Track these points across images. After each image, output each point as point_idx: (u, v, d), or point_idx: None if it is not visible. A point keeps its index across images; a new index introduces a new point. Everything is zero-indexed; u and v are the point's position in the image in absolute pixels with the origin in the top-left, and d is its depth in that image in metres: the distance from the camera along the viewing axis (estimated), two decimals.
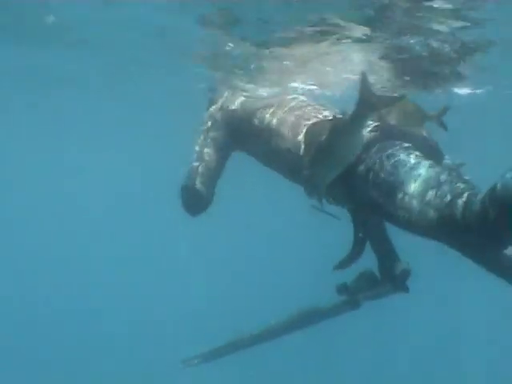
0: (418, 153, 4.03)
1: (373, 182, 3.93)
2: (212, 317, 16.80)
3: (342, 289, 4.70)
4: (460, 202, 3.54)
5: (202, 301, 18.48)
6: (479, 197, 3.47)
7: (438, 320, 19.43)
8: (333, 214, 4.33)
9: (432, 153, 4.22)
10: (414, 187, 3.76)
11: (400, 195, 3.79)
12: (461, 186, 3.64)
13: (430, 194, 3.67)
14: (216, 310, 17.32)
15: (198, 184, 4.90)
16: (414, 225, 3.80)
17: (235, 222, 20.21)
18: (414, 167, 3.88)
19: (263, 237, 21.82)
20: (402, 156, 3.96)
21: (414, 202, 3.71)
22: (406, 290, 4.65)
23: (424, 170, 3.84)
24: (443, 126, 4.15)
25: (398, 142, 4.11)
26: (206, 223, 5.88)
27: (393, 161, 3.95)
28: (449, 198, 3.59)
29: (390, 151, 4.01)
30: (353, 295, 4.75)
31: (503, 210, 3.31)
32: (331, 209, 4.37)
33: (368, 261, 4.73)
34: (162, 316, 18.02)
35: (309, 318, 5.15)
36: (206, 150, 5.01)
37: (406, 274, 4.61)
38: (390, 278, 4.63)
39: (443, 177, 3.74)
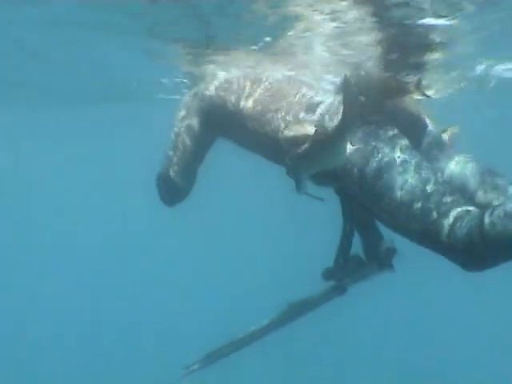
0: (403, 143, 3.95)
1: (359, 182, 3.91)
2: (206, 316, 16.73)
3: (329, 274, 4.57)
4: (446, 223, 3.57)
5: (195, 299, 18.39)
6: (466, 222, 3.50)
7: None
8: (316, 196, 4.23)
9: (415, 125, 4.16)
10: (400, 195, 3.73)
11: (386, 200, 3.78)
12: (448, 200, 3.63)
13: (416, 206, 3.66)
14: (210, 309, 17.25)
15: (173, 173, 4.82)
16: (398, 230, 3.87)
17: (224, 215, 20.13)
18: (400, 171, 3.81)
19: (250, 228, 21.70)
20: (387, 152, 3.88)
21: (400, 211, 3.73)
22: (391, 268, 4.55)
23: (411, 175, 3.77)
24: (425, 95, 4.06)
25: (381, 132, 4.02)
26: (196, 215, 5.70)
27: (377, 159, 3.88)
28: (435, 216, 3.60)
29: (373, 144, 3.93)
30: (339, 280, 4.62)
31: (493, 248, 3.41)
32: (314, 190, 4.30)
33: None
34: (155, 316, 17.89)
35: (299, 309, 5.02)
36: (180, 138, 4.92)
37: (391, 252, 4.51)
38: (376, 258, 4.53)
39: (430, 187, 3.70)
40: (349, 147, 3.83)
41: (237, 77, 4.91)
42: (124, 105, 11.12)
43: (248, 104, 4.57)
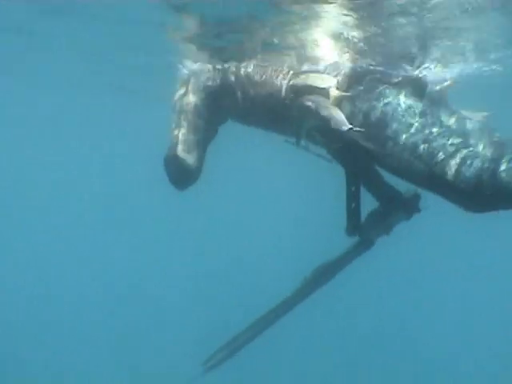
0: (408, 90, 4.07)
1: (364, 127, 3.94)
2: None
3: (352, 228, 4.60)
4: (453, 163, 3.63)
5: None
6: (475, 164, 3.55)
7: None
8: (323, 156, 4.37)
9: (416, 83, 4.25)
10: (405, 138, 3.80)
11: (390, 143, 3.85)
12: (454, 142, 3.69)
13: (422, 147, 3.72)
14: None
15: (180, 151, 4.62)
16: (401, 173, 3.93)
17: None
18: (405, 114, 3.89)
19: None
20: (392, 98, 3.98)
21: (405, 154, 3.78)
22: (419, 210, 4.56)
23: (416, 119, 3.85)
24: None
25: (386, 78, 4.15)
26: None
27: (383, 103, 3.97)
28: (441, 156, 3.65)
29: (380, 89, 4.04)
30: (364, 234, 4.67)
31: (502, 193, 3.46)
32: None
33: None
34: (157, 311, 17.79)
35: (325, 273, 4.95)
36: (183, 115, 4.80)
37: (417, 197, 4.50)
38: (400, 204, 4.53)
39: (436, 130, 3.77)
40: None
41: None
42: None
43: (248, 69, 4.66)
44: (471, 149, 3.75)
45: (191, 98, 4.86)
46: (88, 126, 16.59)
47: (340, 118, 3.99)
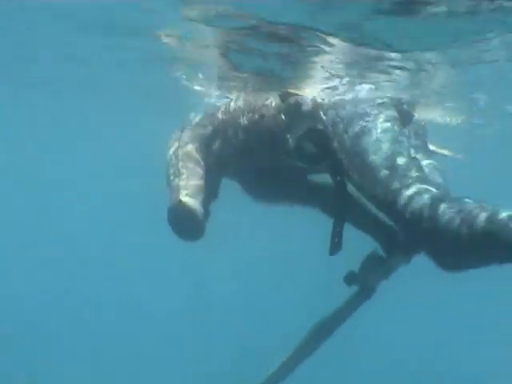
0: (389, 113, 4.23)
1: (341, 138, 4.17)
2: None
3: (351, 277, 4.37)
4: (405, 194, 3.79)
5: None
6: (423, 198, 3.71)
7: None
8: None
9: (402, 114, 4.38)
10: (371, 159, 3.99)
11: (358, 161, 4.06)
12: (413, 175, 3.88)
13: (383, 173, 3.92)
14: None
15: (184, 196, 4.33)
16: (363, 191, 4.11)
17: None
18: (378, 138, 4.08)
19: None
20: (372, 117, 4.17)
21: (369, 174, 3.99)
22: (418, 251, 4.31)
23: (386, 145, 4.03)
24: None
25: (371, 99, 4.42)
26: None
27: (362, 121, 4.16)
28: (397, 185, 3.84)
29: (362, 107, 4.24)
30: (363, 281, 4.39)
31: (435, 230, 3.60)
32: None
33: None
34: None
35: (327, 327, 4.69)
36: (181, 164, 4.60)
37: None
38: (397, 245, 4.34)
39: (400, 159, 3.96)
40: None
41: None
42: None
43: (238, 103, 4.83)
44: (426, 186, 3.87)
45: (186, 148, 4.72)
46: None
47: None
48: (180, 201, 4.32)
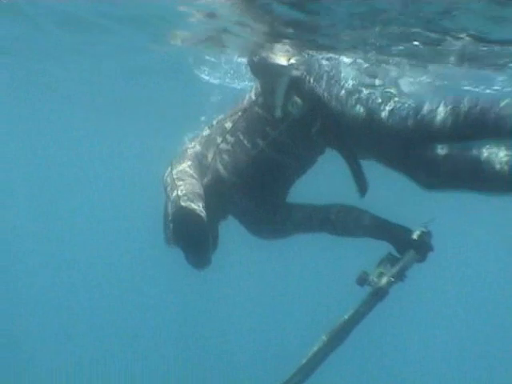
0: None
1: (316, 73, 4.45)
2: None
3: (363, 277, 4.28)
4: (387, 106, 4.12)
5: None
6: (404, 108, 4.04)
7: None
8: None
9: None
10: (351, 84, 4.32)
11: (337, 88, 4.32)
12: (391, 91, 4.26)
13: (364, 92, 4.23)
14: None
15: (184, 202, 4.32)
16: (344, 117, 4.25)
17: None
18: (348, 68, 4.76)
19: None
20: (336, 65, 4.67)
21: (349, 97, 4.24)
22: (432, 249, 4.32)
23: (359, 72, 4.64)
24: None
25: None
26: None
27: (330, 61, 4.79)
28: (379, 100, 4.15)
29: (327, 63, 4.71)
30: (376, 283, 4.26)
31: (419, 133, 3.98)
32: None
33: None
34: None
35: (340, 333, 4.53)
36: (177, 179, 4.60)
37: (428, 235, 4.36)
38: (409, 244, 4.30)
39: (377, 81, 4.52)
40: None
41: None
42: None
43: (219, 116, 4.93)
44: (403, 100, 4.18)
45: (179, 167, 4.73)
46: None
47: None
48: (181, 207, 4.28)
